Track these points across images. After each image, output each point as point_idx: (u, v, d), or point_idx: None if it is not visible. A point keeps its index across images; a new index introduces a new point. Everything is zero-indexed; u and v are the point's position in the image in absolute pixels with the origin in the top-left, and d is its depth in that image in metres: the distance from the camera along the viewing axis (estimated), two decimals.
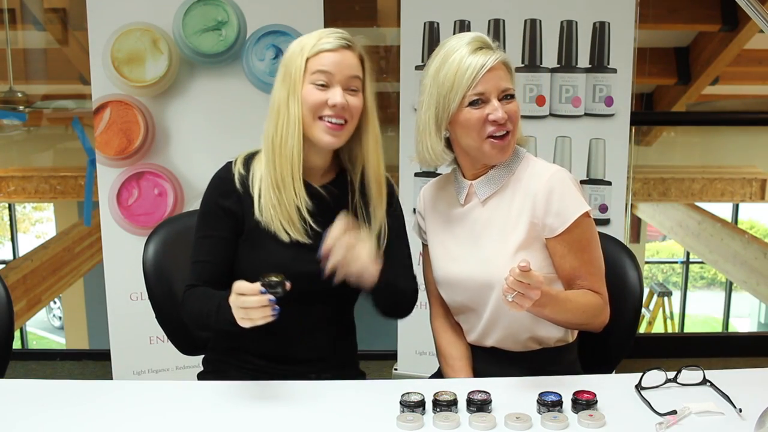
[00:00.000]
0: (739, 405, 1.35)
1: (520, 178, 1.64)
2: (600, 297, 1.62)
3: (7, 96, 4.85)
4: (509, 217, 1.62)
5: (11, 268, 5.32)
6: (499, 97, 1.57)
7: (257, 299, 1.35)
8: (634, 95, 2.70)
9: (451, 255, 1.69)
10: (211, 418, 1.37)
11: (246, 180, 1.60)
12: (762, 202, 6.52)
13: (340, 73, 1.54)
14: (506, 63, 1.60)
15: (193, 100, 2.61)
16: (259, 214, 1.57)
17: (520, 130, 1.67)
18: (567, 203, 1.58)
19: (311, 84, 1.54)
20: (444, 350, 1.74)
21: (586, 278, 1.61)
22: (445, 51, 1.59)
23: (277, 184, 1.56)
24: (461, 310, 1.71)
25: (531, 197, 1.60)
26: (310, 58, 1.54)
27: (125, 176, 2.61)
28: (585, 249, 1.60)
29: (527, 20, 2.61)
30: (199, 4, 2.55)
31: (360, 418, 1.36)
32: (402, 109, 2.74)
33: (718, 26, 4.95)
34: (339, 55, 1.54)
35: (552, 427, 1.30)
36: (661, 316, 7.85)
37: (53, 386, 1.53)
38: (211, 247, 1.61)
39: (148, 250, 1.87)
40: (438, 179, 1.80)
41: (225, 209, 1.60)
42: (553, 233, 1.59)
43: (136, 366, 2.69)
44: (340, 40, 1.55)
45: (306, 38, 1.57)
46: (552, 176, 1.60)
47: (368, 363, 3.16)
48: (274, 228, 1.56)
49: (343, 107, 1.53)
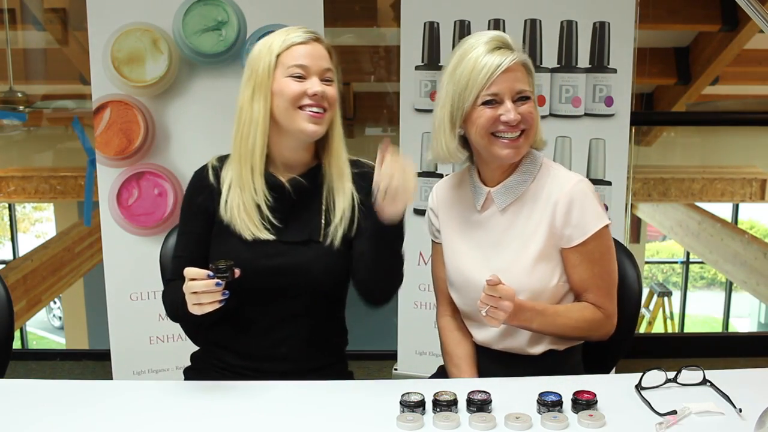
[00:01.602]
0: (739, 405, 1.35)
1: (542, 186, 1.64)
2: (601, 312, 1.62)
3: (7, 96, 4.85)
4: (528, 226, 1.63)
5: (11, 268, 5.32)
6: (514, 98, 1.57)
7: (204, 283, 1.40)
8: (634, 95, 2.70)
9: (467, 260, 1.68)
10: (210, 418, 1.37)
11: (219, 177, 1.65)
12: (762, 202, 6.53)
13: (315, 64, 1.57)
14: (525, 64, 1.60)
15: (193, 100, 2.61)
16: (223, 212, 1.61)
17: (539, 132, 1.67)
18: (587, 215, 1.59)
19: (288, 77, 1.56)
20: (450, 349, 1.74)
21: (593, 291, 1.62)
22: (464, 49, 1.60)
23: (240, 184, 1.60)
24: (473, 314, 1.69)
25: (551, 206, 1.60)
26: (281, 54, 1.57)
27: (125, 176, 2.61)
28: (597, 262, 1.61)
29: (527, 20, 2.61)
30: (199, 4, 2.55)
31: (360, 418, 1.36)
32: (402, 109, 2.74)
33: (718, 26, 4.95)
34: (311, 47, 1.58)
35: (552, 427, 1.30)
36: (661, 316, 7.85)
37: (53, 386, 1.53)
38: (186, 243, 1.67)
39: (167, 245, 1.90)
40: (452, 177, 1.79)
41: (198, 206, 1.65)
42: (570, 244, 1.60)
43: (136, 366, 2.68)
44: (308, 34, 1.59)
45: (271, 37, 1.60)
46: (574, 186, 1.60)
47: (368, 363, 3.18)
48: (237, 228, 1.59)
49: (322, 95, 1.56)
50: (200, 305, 1.42)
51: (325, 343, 1.70)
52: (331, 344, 1.73)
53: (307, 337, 1.65)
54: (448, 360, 1.74)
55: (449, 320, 1.77)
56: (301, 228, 1.62)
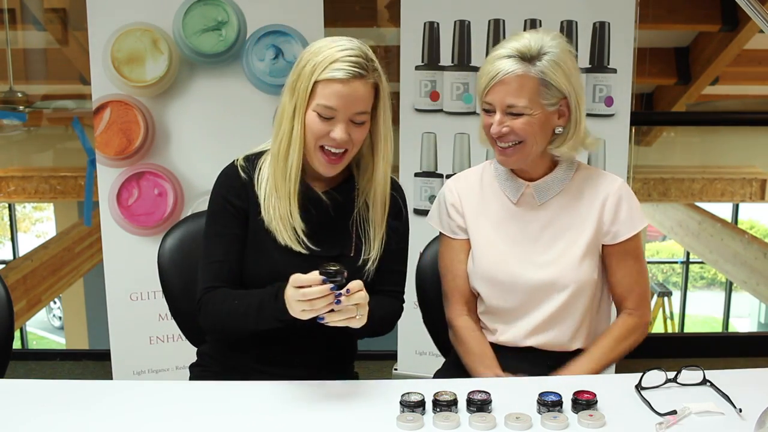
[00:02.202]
0: (739, 405, 1.35)
1: (584, 182, 1.68)
2: (638, 320, 1.68)
3: (7, 96, 4.85)
4: (574, 221, 1.66)
5: (11, 268, 5.32)
6: (504, 110, 1.58)
7: (320, 289, 1.35)
8: (634, 95, 2.70)
9: (502, 254, 1.68)
10: (210, 418, 1.37)
11: (252, 178, 1.59)
12: (762, 202, 6.52)
13: (345, 109, 1.47)
14: (528, 77, 1.56)
15: (193, 100, 2.61)
16: (265, 213, 1.56)
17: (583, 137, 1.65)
18: (634, 214, 1.66)
19: (314, 112, 1.49)
20: (477, 349, 1.70)
21: (633, 295, 1.67)
22: (497, 46, 1.61)
23: (276, 189, 1.55)
24: (502, 310, 1.70)
25: (600, 202, 1.66)
26: (318, 83, 1.47)
27: (125, 176, 2.61)
28: (638, 260, 1.67)
29: (527, 20, 2.61)
30: (199, 4, 2.55)
31: (360, 418, 1.36)
32: (402, 109, 2.74)
33: (718, 26, 4.95)
34: (348, 88, 1.46)
35: (552, 427, 1.30)
36: (661, 316, 7.85)
37: (53, 386, 1.53)
38: (225, 246, 1.59)
39: (165, 245, 1.88)
40: (470, 173, 1.79)
41: (234, 206, 1.59)
42: (615, 240, 1.65)
43: (136, 366, 2.69)
44: (353, 68, 1.46)
45: (322, 53, 1.47)
46: (622, 185, 1.68)
47: (368, 363, 3.18)
48: (273, 228, 1.56)
49: (344, 141, 1.49)
50: (315, 310, 1.37)
51: (340, 349, 1.70)
52: (347, 347, 1.73)
53: (325, 345, 1.63)
54: (475, 360, 1.70)
55: (467, 319, 1.75)
56: (334, 242, 1.59)
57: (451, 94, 2.68)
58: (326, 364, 1.66)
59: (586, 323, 1.68)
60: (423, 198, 2.75)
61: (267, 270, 1.56)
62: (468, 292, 1.75)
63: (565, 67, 1.58)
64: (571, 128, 1.63)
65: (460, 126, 2.69)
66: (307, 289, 1.36)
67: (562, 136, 1.64)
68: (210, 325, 1.60)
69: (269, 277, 1.51)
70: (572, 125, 1.63)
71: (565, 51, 1.60)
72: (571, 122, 1.63)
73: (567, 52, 1.60)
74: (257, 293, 1.51)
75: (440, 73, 2.68)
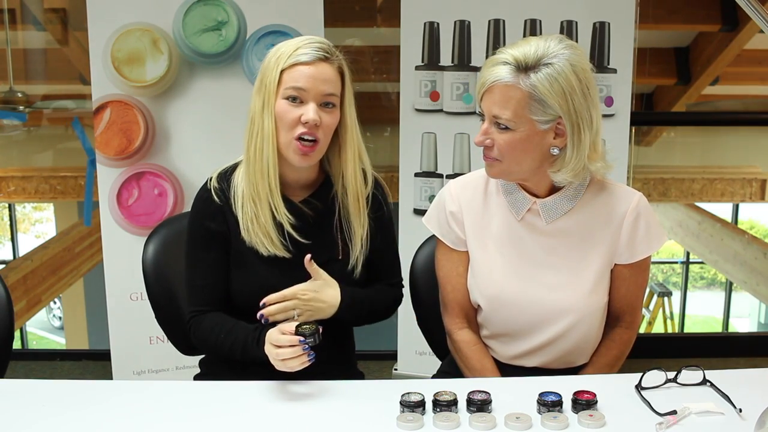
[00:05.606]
0: (739, 405, 1.35)
1: (596, 200, 1.56)
2: (630, 329, 1.64)
3: (7, 96, 4.85)
4: (585, 244, 1.56)
5: (11, 268, 5.32)
6: (492, 121, 1.48)
7: (294, 350, 1.39)
8: (634, 95, 2.70)
9: (505, 276, 1.58)
10: (210, 418, 1.37)
11: (228, 198, 1.58)
12: (762, 202, 6.51)
13: (314, 89, 1.48)
14: (517, 88, 1.43)
15: (193, 100, 2.61)
16: (245, 233, 1.55)
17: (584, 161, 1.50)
18: (652, 231, 1.56)
19: (284, 99, 1.49)
20: (480, 364, 1.64)
21: (632, 311, 1.63)
22: (501, 48, 1.49)
23: (252, 198, 1.54)
24: (505, 330, 1.63)
25: (616, 221, 1.55)
26: (284, 71, 1.48)
27: (125, 176, 2.61)
28: (645, 271, 1.61)
29: (527, 20, 2.61)
30: (199, 4, 2.55)
31: (360, 418, 1.36)
32: (402, 109, 2.74)
33: (718, 26, 4.95)
34: (314, 69, 1.48)
35: (552, 427, 1.30)
36: (661, 316, 7.84)
37: (53, 386, 1.53)
38: (208, 270, 1.60)
39: (147, 250, 1.86)
40: (471, 179, 1.66)
41: (212, 231, 1.58)
42: (631, 260, 1.57)
43: (136, 366, 2.69)
44: (317, 52, 1.48)
45: (284, 46, 1.51)
46: (640, 201, 1.56)
47: (368, 363, 3.18)
48: (255, 243, 1.55)
49: (315, 124, 1.48)
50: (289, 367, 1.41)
51: (340, 349, 1.71)
52: (347, 348, 1.74)
53: (325, 347, 1.64)
54: (477, 375, 1.62)
55: (468, 332, 1.66)
56: (321, 249, 1.58)
57: (451, 94, 2.68)
58: (329, 362, 1.66)
59: (591, 341, 1.63)
60: (423, 198, 2.75)
61: (257, 286, 1.56)
62: (467, 305, 1.66)
63: (565, 83, 1.42)
64: (571, 152, 1.47)
65: (460, 126, 2.69)
66: (281, 350, 1.40)
67: (561, 159, 1.49)
68: (200, 348, 1.66)
69: (260, 292, 1.52)
70: (572, 149, 1.47)
71: (572, 66, 1.43)
72: (571, 145, 1.47)
73: (574, 67, 1.44)
74: (242, 332, 1.53)
75: (440, 73, 2.68)
